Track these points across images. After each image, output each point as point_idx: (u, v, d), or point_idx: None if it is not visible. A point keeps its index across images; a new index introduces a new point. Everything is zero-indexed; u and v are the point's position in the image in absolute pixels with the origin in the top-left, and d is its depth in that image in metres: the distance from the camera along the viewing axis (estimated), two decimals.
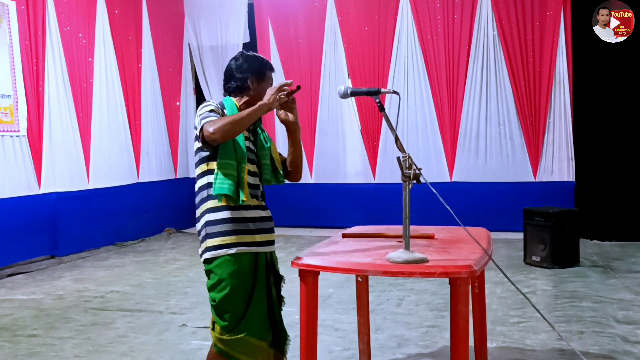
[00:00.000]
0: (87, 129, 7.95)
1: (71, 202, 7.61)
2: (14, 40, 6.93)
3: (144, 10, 9.12)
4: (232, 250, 2.64)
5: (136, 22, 8.96)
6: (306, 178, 9.60)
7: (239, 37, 9.64)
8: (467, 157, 8.77)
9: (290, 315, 4.57)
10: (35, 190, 7.17)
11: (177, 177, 9.81)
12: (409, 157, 2.51)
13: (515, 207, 7.45)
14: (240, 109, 2.75)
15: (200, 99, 10.05)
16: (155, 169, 9.31)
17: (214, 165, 2.68)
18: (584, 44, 7.97)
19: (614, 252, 7.04)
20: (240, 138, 2.71)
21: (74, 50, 7.77)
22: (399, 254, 2.49)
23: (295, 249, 7.57)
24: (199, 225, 2.74)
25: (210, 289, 2.70)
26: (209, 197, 2.69)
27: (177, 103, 9.84)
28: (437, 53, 8.78)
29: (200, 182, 2.74)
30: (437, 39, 8.77)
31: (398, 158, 2.51)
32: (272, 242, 2.80)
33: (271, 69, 2.88)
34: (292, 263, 2.65)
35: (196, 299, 5.40)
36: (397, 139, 2.57)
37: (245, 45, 9.41)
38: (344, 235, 3.20)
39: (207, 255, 2.67)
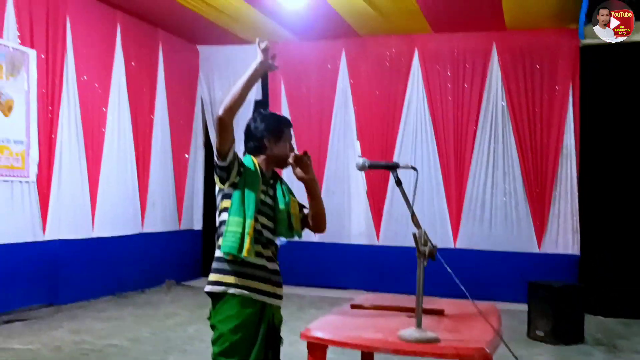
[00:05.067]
0: (95, 177, 7.95)
1: (74, 250, 7.54)
2: (31, 88, 7.00)
3: (160, 63, 9.26)
4: (232, 290, 2.69)
5: (152, 74, 9.09)
6: (309, 236, 9.53)
7: (251, 93, 9.72)
8: (472, 225, 8.75)
9: None
10: (39, 237, 7.12)
11: (181, 228, 9.78)
12: (425, 233, 2.52)
13: (519, 278, 7.40)
14: (259, 167, 2.81)
15: (209, 152, 10.11)
16: (159, 219, 9.27)
17: (226, 203, 2.76)
18: (592, 119, 8.09)
19: (618, 329, 6.94)
20: (253, 192, 2.72)
21: (89, 99, 7.84)
22: (411, 332, 2.47)
23: (295, 309, 7.48)
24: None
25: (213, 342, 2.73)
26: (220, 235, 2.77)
27: (186, 155, 9.90)
28: (445, 120, 8.88)
29: (219, 218, 2.81)
30: (446, 107, 8.89)
31: (414, 234, 2.51)
32: (279, 296, 2.79)
33: (288, 125, 2.96)
34: (302, 335, 2.62)
35: (195, 358, 5.31)
36: (413, 214, 2.59)
37: (257, 102, 9.44)
38: (353, 306, 3.17)
39: (212, 288, 2.74)
